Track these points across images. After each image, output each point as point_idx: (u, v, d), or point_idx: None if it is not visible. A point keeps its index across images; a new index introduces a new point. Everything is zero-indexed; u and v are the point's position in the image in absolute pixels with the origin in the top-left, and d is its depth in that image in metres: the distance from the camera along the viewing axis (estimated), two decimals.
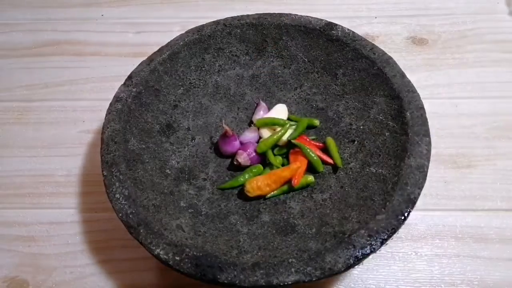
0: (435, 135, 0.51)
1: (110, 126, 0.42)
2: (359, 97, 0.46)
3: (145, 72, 0.46)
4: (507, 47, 0.59)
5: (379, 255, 0.45)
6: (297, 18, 0.49)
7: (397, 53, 0.60)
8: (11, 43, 0.64)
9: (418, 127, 0.41)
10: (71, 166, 0.52)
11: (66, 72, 0.60)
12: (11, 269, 0.46)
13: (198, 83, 0.49)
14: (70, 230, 0.48)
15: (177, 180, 0.44)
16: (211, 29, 0.49)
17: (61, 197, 0.50)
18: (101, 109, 0.56)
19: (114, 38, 0.63)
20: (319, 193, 0.43)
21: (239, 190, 0.44)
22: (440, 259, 0.45)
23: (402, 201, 0.37)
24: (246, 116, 0.50)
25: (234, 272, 0.34)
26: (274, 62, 0.50)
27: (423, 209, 0.47)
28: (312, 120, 0.47)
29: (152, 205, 0.39)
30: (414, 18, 0.63)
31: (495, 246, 0.45)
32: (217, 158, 0.47)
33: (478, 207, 0.47)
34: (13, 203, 0.50)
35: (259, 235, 0.39)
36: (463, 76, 0.57)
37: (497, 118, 0.53)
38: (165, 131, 0.46)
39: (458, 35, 0.61)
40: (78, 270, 0.45)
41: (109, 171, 0.40)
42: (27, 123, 0.56)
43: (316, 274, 0.34)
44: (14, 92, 0.59)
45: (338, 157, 0.44)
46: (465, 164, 0.50)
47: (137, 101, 0.45)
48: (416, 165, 0.38)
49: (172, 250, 0.35)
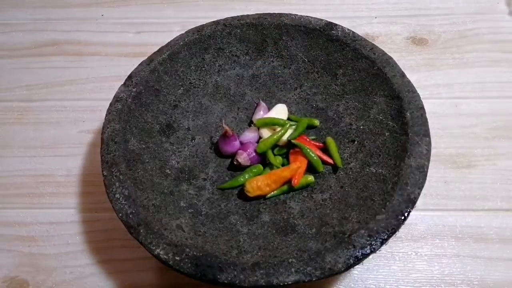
0: (435, 135, 0.51)
1: (110, 126, 0.42)
2: (359, 97, 0.46)
3: (145, 72, 0.46)
4: (507, 47, 0.59)
5: (379, 255, 0.45)
6: (297, 18, 0.49)
7: (397, 53, 0.60)
8: (11, 43, 0.64)
9: (418, 127, 0.41)
10: (71, 166, 0.52)
11: (66, 72, 0.60)
12: (11, 269, 0.46)
13: (198, 83, 0.49)
14: (70, 230, 0.48)
15: (177, 180, 0.44)
16: (211, 29, 0.49)
17: (61, 197, 0.50)
18: (101, 109, 0.56)
19: (114, 38, 0.63)
20: (319, 193, 0.43)
21: (239, 190, 0.44)
22: (440, 259, 0.45)
23: (402, 201, 0.37)
24: (246, 116, 0.50)
25: (234, 272, 0.34)
26: (274, 62, 0.50)
27: (423, 209, 0.47)
28: (312, 120, 0.47)
29: (152, 205, 0.39)
30: (414, 18, 0.63)
31: (495, 246, 0.45)
32: (217, 158, 0.47)
33: (478, 207, 0.47)
34: (13, 203, 0.50)
35: (259, 235, 0.39)
36: (463, 76, 0.57)
37: (497, 118, 0.53)
38: (165, 131, 0.46)
39: (458, 35, 0.61)
40: (78, 270, 0.45)
41: (109, 171, 0.40)
42: (27, 123, 0.56)
43: (316, 274, 0.34)
44: (14, 92, 0.59)
45: (338, 157, 0.44)
46: (465, 164, 0.50)
47: (137, 101, 0.45)
48: (416, 165, 0.38)
49: (172, 250, 0.35)
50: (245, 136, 0.47)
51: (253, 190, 0.43)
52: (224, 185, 0.44)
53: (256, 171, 0.45)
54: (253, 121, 0.49)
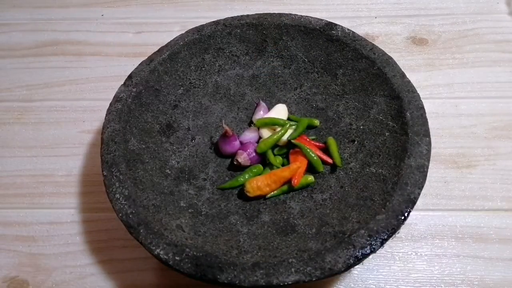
0: (435, 135, 0.52)
1: (110, 126, 0.42)
2: (359, 97, 0.46)
3: (145, 72, 0.46)
4: (507, 47, 0.59)
5: (379, 255, 0.45)
6: (297, 18, 0.49)
7: (397, 53, 0.60)
8: (11, 43, 0.64)
9: (418, 127, 0.41)
10: (71, 166, 0.52)
11: (66, 72, 0.60)
12: (11, 269, 0.46)
13: (198, 83, 0.49)
14: (70, 230, 0.48)
15: (177, 180, 0.44)
16: (211, 29, 0.49)
17: (61, 197, 0.50)
18: (101, 109, 0.56)
19: (114, 38, 0.63)
20: (319, 193, 0.43)
21: (239, 190, 0.44)
22: (440, 259, 0.45)
23: (402, 201, 0.37)
24: (246, 116, 0.50)
25: (234, 272, 0.34)
26: (274, 62, 0.50)
27: (423, 209, 0.47)
28: (312, 120, 0.47)
29: (152, 205, 0.39)
30: (414, 18, 0.63)
31: (495, 246, 0.45)
32: (217, 158, 0.47)
33: (478, 207, 0.47)
34: (13, 203, 0.50)
35: (259, 235, 0.39)
36: (463, 76, 0.57)
37: (497, 118, 0.53)
38: (165, 131, 0.46)
39: (458, 35, 0.61)
40: (78, 270, 0.45)
41: (109, 171, 0.40)
42: (27, 123, 0.56)
43: (316, 274, 0.34)
44: (14, 92, 0.59)
45: (338, 157, 0.44)
46: (465, 164, 0.50)
47: (137, 101, 0.45)
48: (416, 165, 0.38)
49: (172, 250, 0.35)
50: (245, 136, 0.48)
51: (253, 190, 0.43)
52: (224, 185, 0.44)
53: (256, 171, 0.45)
54: (253, 121, 0.49)
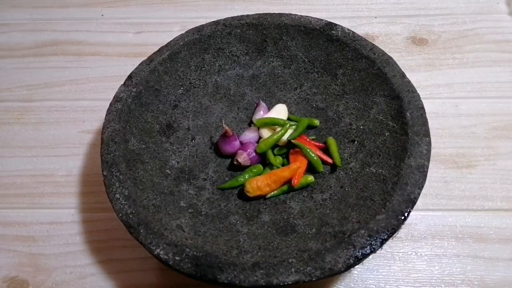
0: (435, 135, 0.52)
1: (110, 126, 0.42)
2: (359, 97, 0.46)
3: (145, 72, 0.46)
4: (507, 47, 0.59)
5: (379, 255, 0.45)
6: (297, 18, 0.49)
7: (397, 53, 0.60)
8: (11, 43, 0.64)
9: (418, 127, 0.41)
10: (71, 166, 0.52)
11: (66, 72, 0.60)
12: (11, 269, 0.46)
13: (198, 83, 0.49)
14: (70, 230, 0.48)
15: (177, 180, 0.44)
16: (211, 29, 0.49)
17: (61, 197, 0.50)
18: (101, 109, 0.56)
19: (114, 38, 0.63)
20: (319, 193, 0.43)
21: (239, 190, 0.44)
22: (440, 259, 0.45)
23: (402, 201, 0.37)
24: (246, 116, 0.50)
25: (234, 272, 0.34)
26: (274, 62, 0.50)
27: (423, 209, 0.47)
28: (312, 120, 0.47)
29: (152, 205, 0.39)
30: (414, 18, 0.63)
31: (495, 246, 0.45)
32: (217, 158, 0.47)
33: (478, 207, 0.47)
34: (13, 203, 0.50)
35: (259, 235, 0.39)
36: (463, 76, 0.57)
37: (497, 118, 0.53)
38: (165, 131, 0.46)
39: (458, 35, 0.61)
40: (78, 270, 0.45)
41: (109, 171, 0.40)
42: (27, 123, 0.56)
43: (316, 274, 0.34)
44: (14, 92, 0.59)
45: (338, 157, 0.44)
46: (465, 164, 0.50)
47: (137, 101, 0.45)
48: (416, 165, 0.38)
49: (172, 250, 0.35)
50: (245, 136, 0.47)
51: (253, 190, 0.43)
52: (224, 185, 0.44)
53: (256, 171, 0.45)
54: (253, 121, 0.49)
